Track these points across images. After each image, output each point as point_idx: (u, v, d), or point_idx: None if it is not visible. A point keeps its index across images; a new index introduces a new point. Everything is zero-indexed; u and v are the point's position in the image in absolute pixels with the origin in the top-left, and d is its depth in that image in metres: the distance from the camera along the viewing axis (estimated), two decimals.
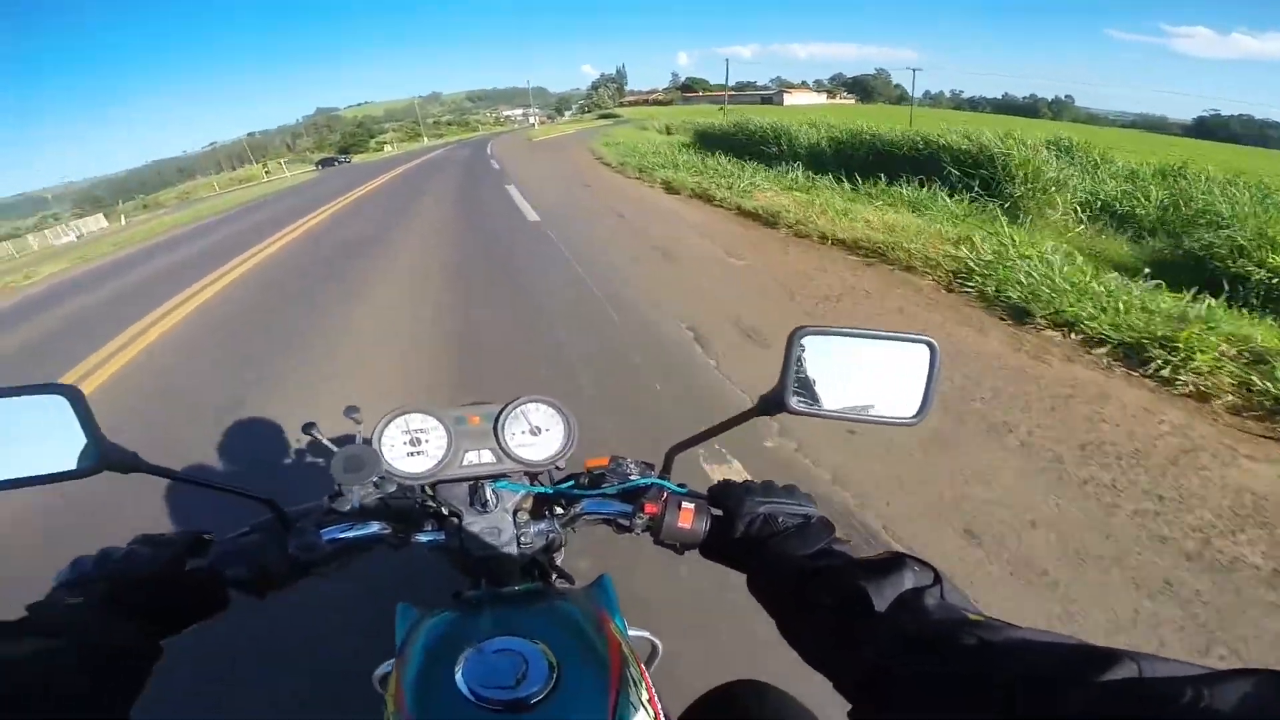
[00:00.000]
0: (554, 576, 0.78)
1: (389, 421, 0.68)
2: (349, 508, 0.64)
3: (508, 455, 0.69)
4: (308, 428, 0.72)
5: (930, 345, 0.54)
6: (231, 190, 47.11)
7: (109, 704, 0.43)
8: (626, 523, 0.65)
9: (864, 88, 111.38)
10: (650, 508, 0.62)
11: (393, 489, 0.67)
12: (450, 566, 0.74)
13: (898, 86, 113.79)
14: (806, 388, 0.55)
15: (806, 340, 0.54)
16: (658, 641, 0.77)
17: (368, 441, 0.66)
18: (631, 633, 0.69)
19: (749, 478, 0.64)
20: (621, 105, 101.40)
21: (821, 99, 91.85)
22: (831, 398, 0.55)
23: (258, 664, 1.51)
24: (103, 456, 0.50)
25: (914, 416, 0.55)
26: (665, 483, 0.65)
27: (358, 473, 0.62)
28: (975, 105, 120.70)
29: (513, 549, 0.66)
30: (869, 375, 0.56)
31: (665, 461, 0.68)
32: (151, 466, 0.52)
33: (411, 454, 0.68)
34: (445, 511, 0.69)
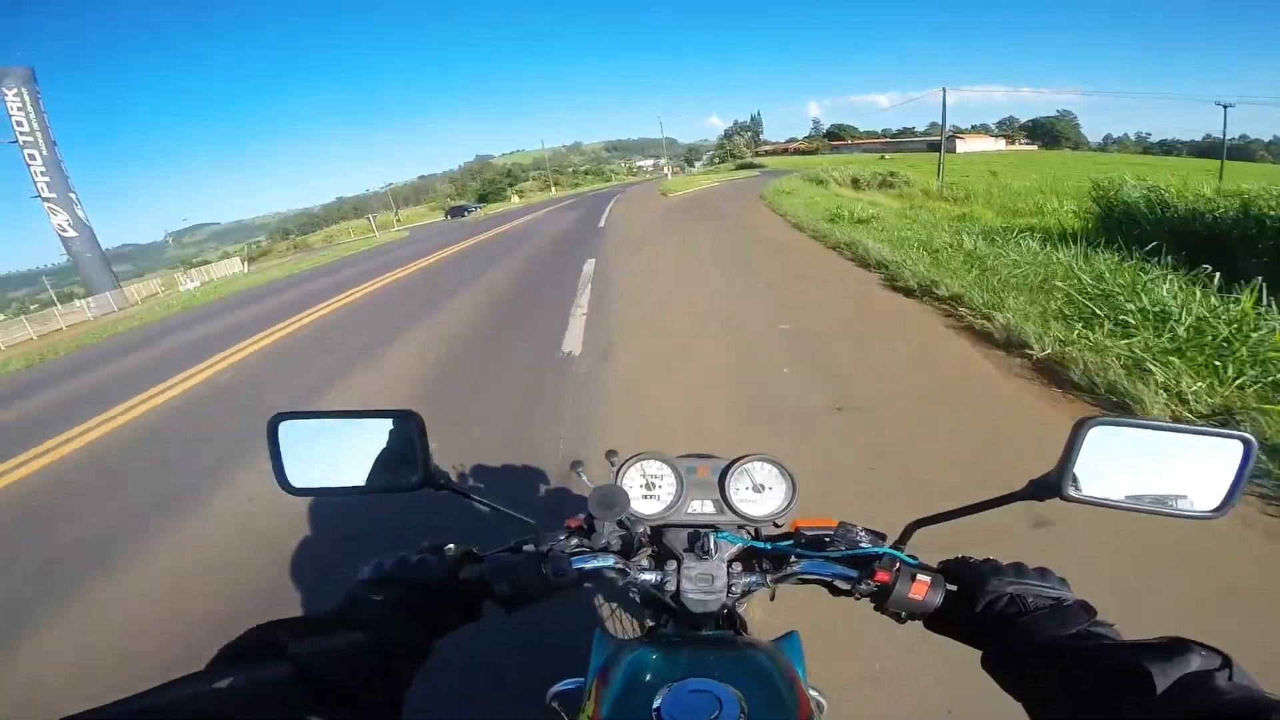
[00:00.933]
0: (741, 627, 0.80)
1: (631, 464, 0.78)
2: (603, 542, 0.69)
3: (730, 508, 0.75)
4: (575, 465, 0.87)
5: (1245, 442, 0.50)
6: (349, 240, 47.29)
7: (395, 692, 0.48)
8: (846, 586, 0.64)
9: (1045, 131, 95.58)
10: (882, 575, 0.61)
11: (640, 529, 0.73)
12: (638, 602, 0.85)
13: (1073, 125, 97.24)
14: (1087, 475, 0.52)
15: (1096, 430, 0.51)
16: (825, 699, 0.80)
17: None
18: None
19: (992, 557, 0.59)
20: (758, 155, 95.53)
21: (1000, 144, 79.66)
22: (1115, 487, 0.53)
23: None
24: (427, 477, 0.60)
25: (1214, 511, 0.52)
26: (898, 554, 0.63)
27: (610, 509, 0.65)
28: (1168, 149, 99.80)
29: (721, 597, 0.68)
30: (1161, 467, 0.53)
31: (904, 533, 0.65)
32: (456, 487, 0.62)
33: (646, 496, 0.77)
34: (665, 553, 0.74)
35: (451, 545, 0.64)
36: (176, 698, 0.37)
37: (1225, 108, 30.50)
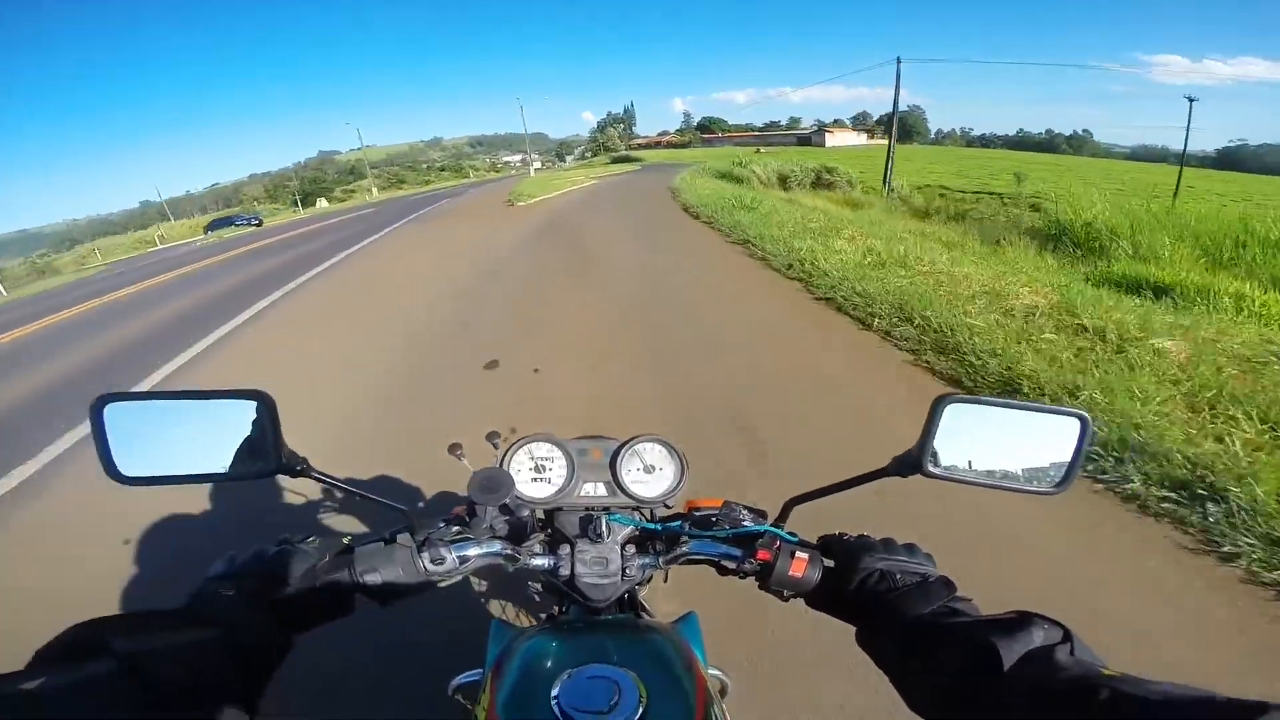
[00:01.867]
0: (640, 609, 0.80)
1: (519, 447, 0.75)
2: (485, 526, 0.66)
3: (622, 490, 0.74)
4: (453, 449, 0.83)
5: (1081, 419, 0.55)
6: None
7: (247, 691, 0.45)
8: (733, 565, 0.64)
9: (902, 127, 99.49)
10: (763, 554, 0.62)
11: (525, 513, 0.69)
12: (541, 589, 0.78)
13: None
14: (945, 452, 0.55)
15: (951, 408, 0.54)
16: (728, 680, 0.81)
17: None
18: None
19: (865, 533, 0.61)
20: (631, 148, 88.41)
21: (862, 139, 79.74)
22: (970, 463, 0.56)
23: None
24: (281, 462, 0.55)
25: (1056, 487, 0.56)
26: (779, 531, 0.64)
27: (493, 494, 0.63)
28: (986, 143, 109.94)
29: (616, 580, 0.67)
30: (1011, 444, 0.56)
31: (782, 511, 0.66)
32: (317, 474, 0.57)
33: (535, 479, 0.74)
34: (557, 538, 0.71)
35: (313, 537, 0.60)
36: None
37: (1191, 101, 26.05)
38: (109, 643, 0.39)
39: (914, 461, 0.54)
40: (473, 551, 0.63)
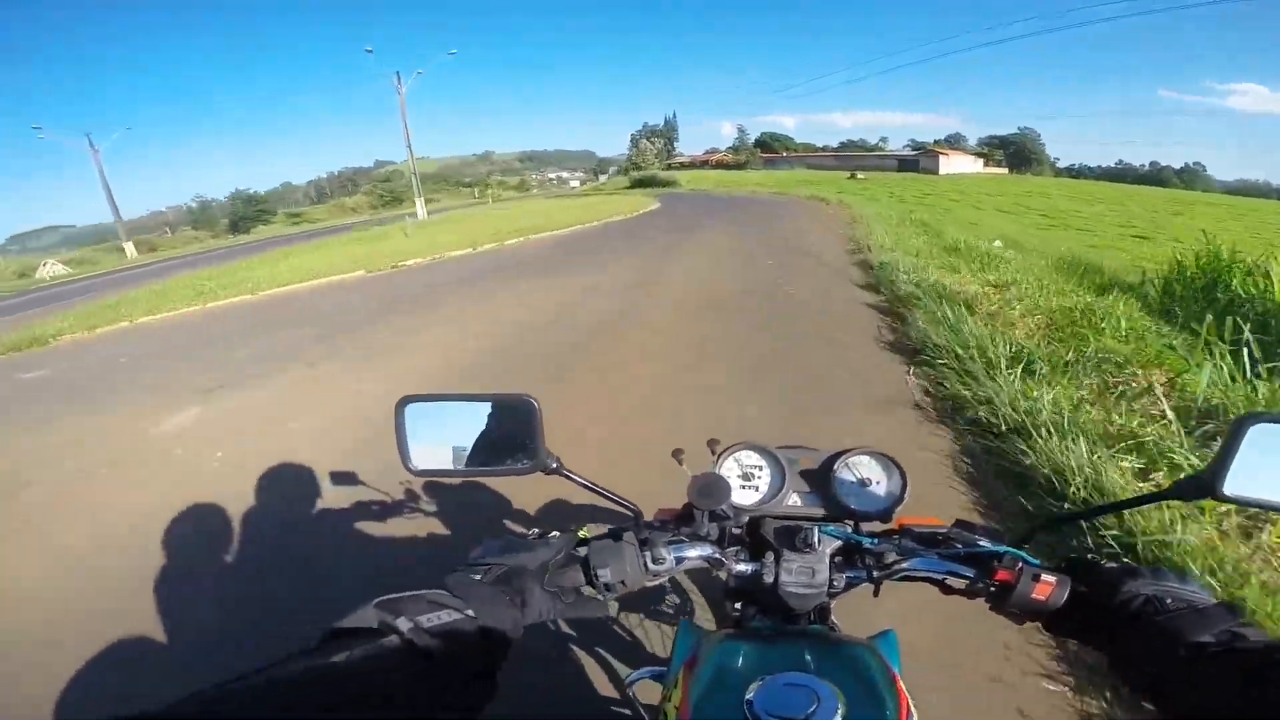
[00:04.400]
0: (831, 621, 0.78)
1: (729, 454, 0.76)
2: (705, 531, 0.68)
3: (834, 502, 0.73)
4: (676, 453, 0.81)
5: None
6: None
7: (491, 670, 0.51)
8: (959, 585, 0.63)
9: (1017, 151, 79.72)
10: (1003, 575, 0.60)
11: (744, 519, 0.72)
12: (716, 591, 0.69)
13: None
14: (1244, 475, 0.52)
15: (1257, 428, 0.51)
16: (914, 708, 0.65)
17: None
18: None
19: None
20: (670, 168, 71.05)
21: (978, 165, 61.93)
22: (1274, 489, 0.53)
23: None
24: (539, 462, 0.63)
25: None
26: (1020, 553, 0.60)
27: (710, 499, 0.65)
28: (1076, 173, 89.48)
29: (821, 592, 0.67)
30: None
31: (1027, 533, 0.65)
32: (566, 473, 0.64)
33: (743, 486, 0.75)
34: (761, 545, 0.71)
35: (555, 532, 0.65)
36: (299, 669, 0.39)
37: None
38: (395, 622, 0.45)
39: (1204, 483, 0.53)
40: (689, 553, 0.66)
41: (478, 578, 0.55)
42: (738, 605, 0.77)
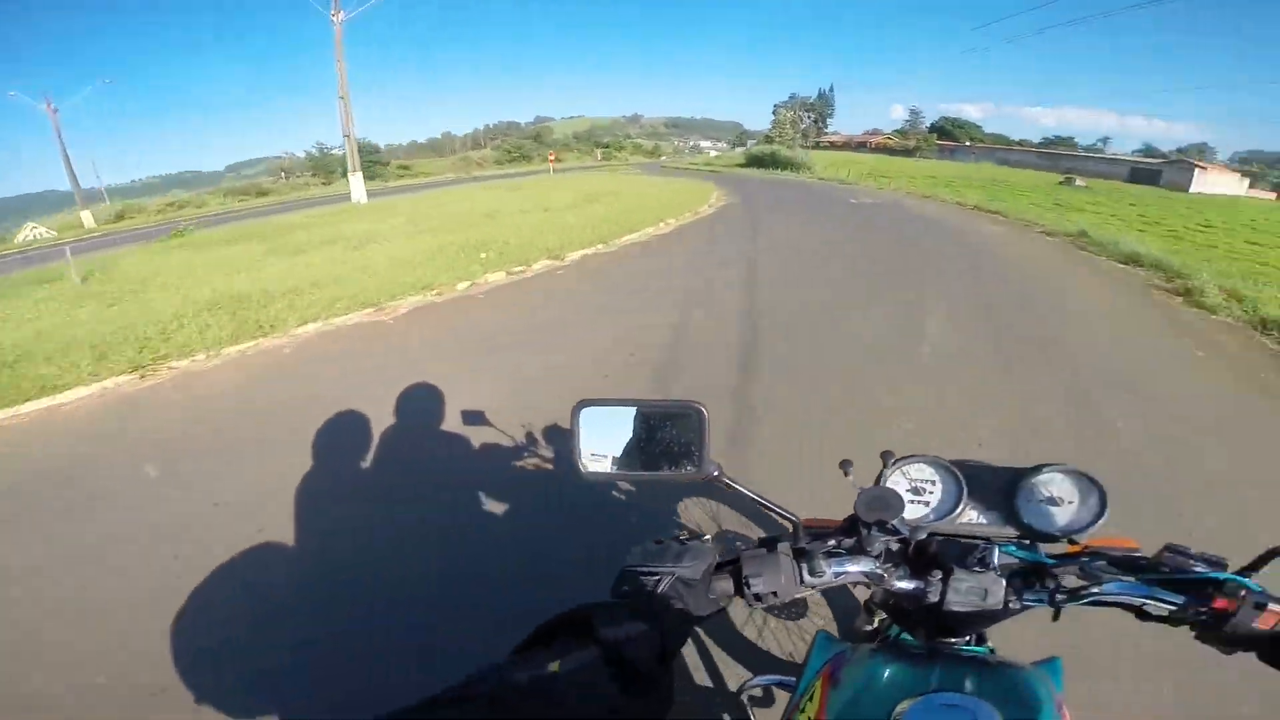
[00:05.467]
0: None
1: (899, 467, 0.71)
2: (871, 547, 0.64)
3: (1018, 521, 0.67)
4: (844, 464, 0.75)
5: None
6: None
7: (669, 674, 0.53)
8: (1163, 612, 0.58)
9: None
10: (1223, 603, 0.55)
11: (914, 535, 0.67)
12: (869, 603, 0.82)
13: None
14: None
15: None
16: None
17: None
18: None
19: None
20: (819, 146, 58.71)
21: (1244, 186, 45.59)
22: None
23: None
24: (703, 469, 0.63)
25: None
26: (1246, 581, 0.55)
27: (881, 513, 0.62)
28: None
29: (990, 615, 0.63)
30: None
31: (1258, 559, 0.57)
32: (728, 480, 0.64)
33: (912, 501, 0.70)
34: (927, 562, 0.66)
35: (708, 536, 0.65)
36: (520, 675, 0.44)
37: None
38: (596, 631, 0.49)
39: None
40: (850, 568, 0.63)
41: (651, 585, 0.57)
42: (881, 616, 0.76)
